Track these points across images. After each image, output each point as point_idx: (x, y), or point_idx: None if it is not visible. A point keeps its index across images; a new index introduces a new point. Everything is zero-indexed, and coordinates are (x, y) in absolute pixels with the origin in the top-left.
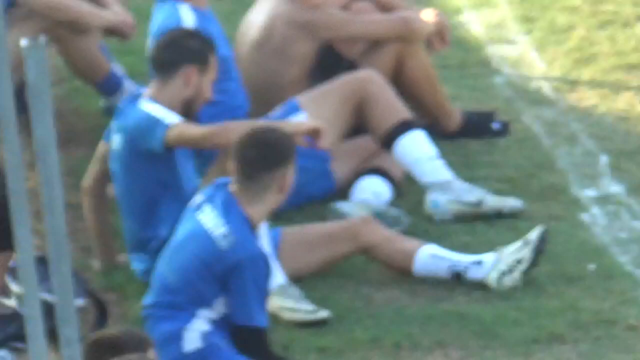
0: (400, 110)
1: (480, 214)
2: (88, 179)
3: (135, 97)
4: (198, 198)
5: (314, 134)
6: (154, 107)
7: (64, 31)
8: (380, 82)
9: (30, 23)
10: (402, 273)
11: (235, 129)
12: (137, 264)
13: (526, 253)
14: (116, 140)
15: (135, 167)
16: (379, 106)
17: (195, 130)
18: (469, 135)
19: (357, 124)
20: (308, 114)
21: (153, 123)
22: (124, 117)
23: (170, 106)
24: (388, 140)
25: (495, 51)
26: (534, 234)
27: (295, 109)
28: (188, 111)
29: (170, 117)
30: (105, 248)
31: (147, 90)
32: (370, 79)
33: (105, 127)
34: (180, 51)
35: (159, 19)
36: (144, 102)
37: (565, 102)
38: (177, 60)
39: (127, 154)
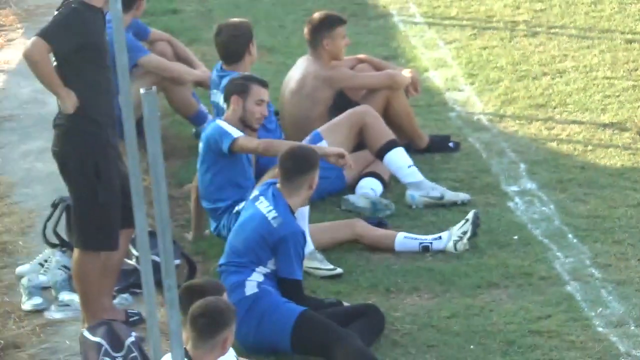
0: (388, 134)
1: (442, 204)
2: (195, 182)
3: (213, 120)
4: (255, 192)
5: (339, 156)
6: (225, 124)
7: (169, 83)
8: (375, 114)
9: (146, 78)
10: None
11: (278, 146)
12: (210, 226)
13: (468, 226)
14: (200, 146)
15: (211, 162)
16: (374, 131)
17: (251, 143)
18: (433, 151)
19: (359, 142)
20: (327, 141)
21: (224, 134)
22: (206, 130)
23: (232, 123)
24: (380, 154)
25: (450, 96)
26: (470, 214)
27: (318, 138)
28: (245, 125)
29: (236, 132)
30: (198, 224)
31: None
32: (368, 113)
33: (196, 147)
34: (229, 87)
35: None
36: (219, 121)
37: (497, 129)
38: (227, 94)
39: (206, 154)
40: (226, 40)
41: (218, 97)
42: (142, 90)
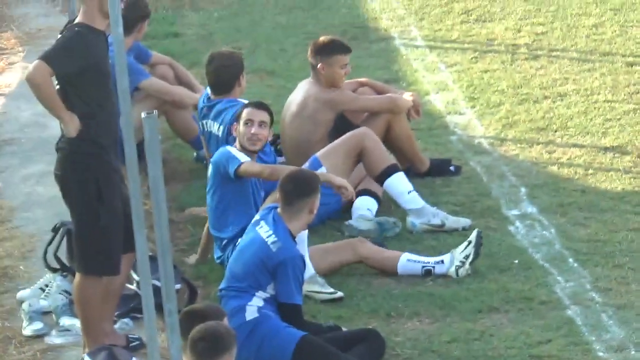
0: (388, 159)
1: (443, 231)
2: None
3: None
4: (256, 216)
5: (343, 188)
6: (233, 150)
7: (170, 107)
8: (374, 138)
9: (147, 101)
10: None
11: (282, 170)
12: (215, 253)
13: (470, 249)
14: (209, 170)
15: (218, 186)
16: (373, 156)
17: (256, 167)
18: (434, 174)
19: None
20: (326, 165)
21: (231, 158)
22: (215, 156)
23: (239, 149)
24: (380, 179)
25: (451, 119)
26: (472, 235)
27: (317, 164)
28: (243, 149)
29: (243, 157)
30: (204, 250)
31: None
32: (367, 136)
33: (197, 171)
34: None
35: None
36: (228, 147)
37: (497, 153)
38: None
39: (214, 178)
40: (218, 69)
41: (211, 127)
42: (143, 114)
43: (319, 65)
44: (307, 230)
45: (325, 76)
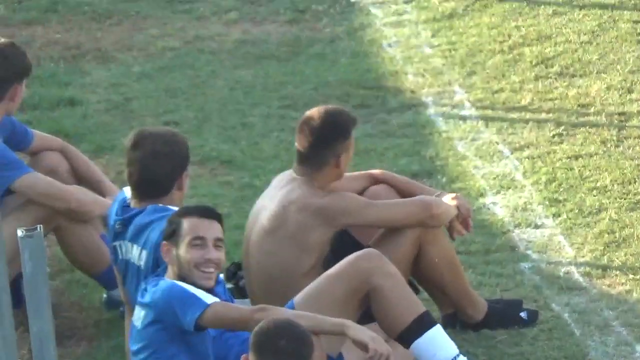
0: (412, 305)
1: None
2: None
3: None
4: None
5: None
6: (187, 285)
7: (63, 220)
8: (390, 270)
9: (27, 212)
10: None
11: (276, 313)
12: None
13: None
14: (136, 320)
15: (157, 347)
16: (390, 301)
17: (237, 311)
18: (494, 325)
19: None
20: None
21: (189, 298)
22: (154, 293)
23: None
24: (404, 339)
25: (521, 236)
26: None
27: None
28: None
29: (207, 296)
30: None
31: None
32: (379, 267)
33: (108, 322)
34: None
35: None
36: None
37: (597, 289)
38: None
39: (147, 332)
40: (147, 160)
41: (128, 252)
42: (19, 232)
43: (340, 157)
44: None
45: (339, 171)
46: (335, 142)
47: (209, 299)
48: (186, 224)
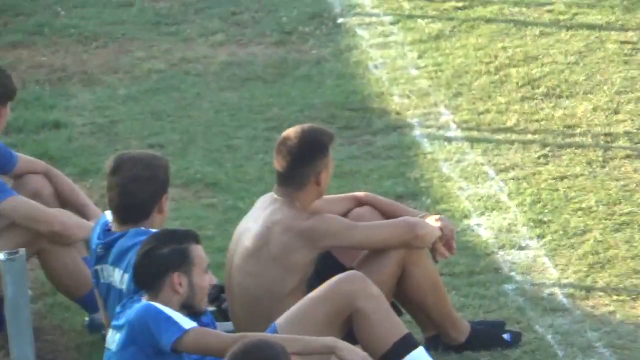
0: (395, 327)
1: None
2: None
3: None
4: None
5: None
6: (167, 309)
7: (46, 243)
8: (372, 292)
9: (10, 235)
10: None
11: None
12: None
13: None
14: (111, 342)
15: None
16: (372, 323)
17: (216, 337)
18: (477, 347)
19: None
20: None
21: (166, 321)
22: (130, 314)
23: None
24: None
25: (505, 257)
26: None
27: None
28: (190, 311)
29: (186, 321)
30: None
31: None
32: (361, 290)
33: (90, 345)
34: (158, 262)
35: None
36: (155, 302)
37: (580, 310)
38: (159, 273)
39: (124, 350)
40: (127, 184)
41: (110, 276)
42: (1, 255)
43: (320, 175)
44: None
45: (320, 189)
46: (314, 160)
47: (187, 324)
48: (194, 251)
